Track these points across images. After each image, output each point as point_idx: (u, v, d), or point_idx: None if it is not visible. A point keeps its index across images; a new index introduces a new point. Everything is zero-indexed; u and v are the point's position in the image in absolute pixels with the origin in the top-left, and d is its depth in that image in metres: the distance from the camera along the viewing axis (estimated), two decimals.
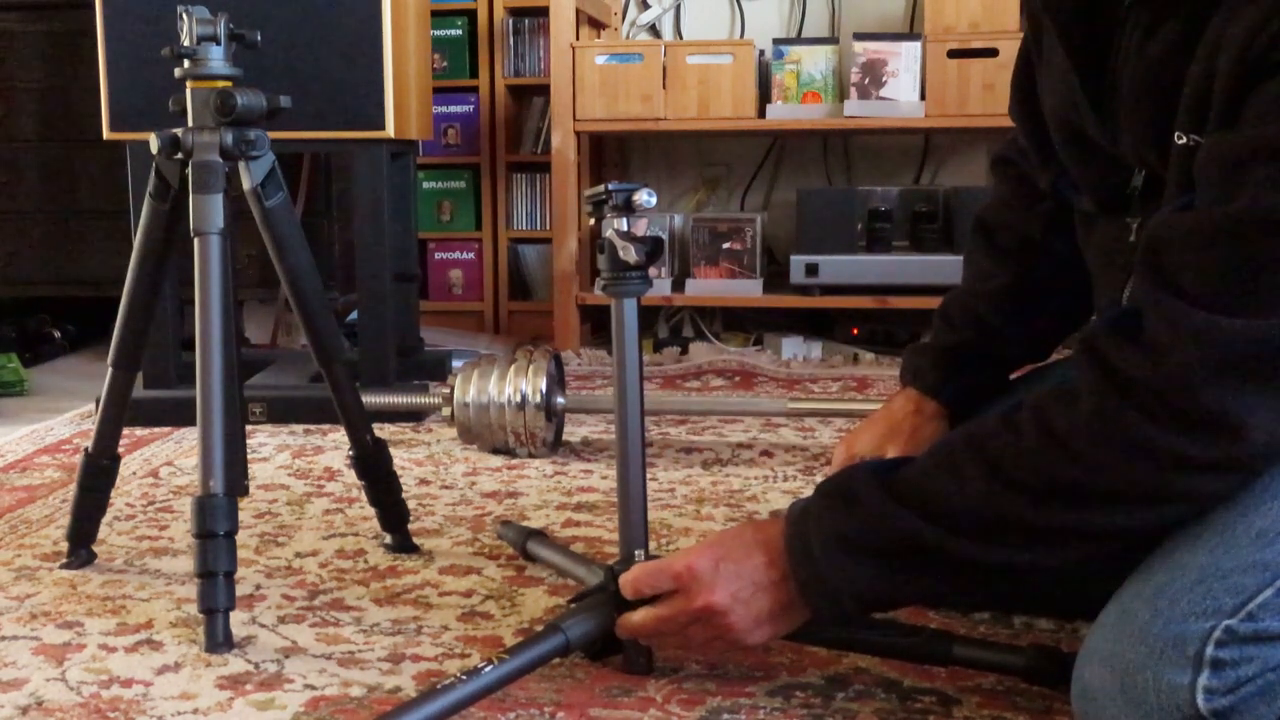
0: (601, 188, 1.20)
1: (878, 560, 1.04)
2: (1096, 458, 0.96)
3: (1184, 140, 1.02)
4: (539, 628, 1.39)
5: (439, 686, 1.11)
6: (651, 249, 1.18)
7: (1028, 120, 1.28)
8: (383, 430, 2.26)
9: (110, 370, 1.56)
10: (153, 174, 1.50)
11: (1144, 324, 0.95)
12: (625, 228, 1.19)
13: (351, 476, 1.76)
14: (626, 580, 1.16)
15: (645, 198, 1.18)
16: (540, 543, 1.57)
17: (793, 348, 3.28)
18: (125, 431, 1.64)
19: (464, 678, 1.11)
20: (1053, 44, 1.18)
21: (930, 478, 1.03)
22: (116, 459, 1.62)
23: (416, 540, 1.69)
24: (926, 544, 1.02)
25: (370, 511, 1.69)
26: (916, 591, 1.10)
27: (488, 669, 1.12)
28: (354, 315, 2.89)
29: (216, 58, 1.47)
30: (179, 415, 2.41)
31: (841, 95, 3.26)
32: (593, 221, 1.26)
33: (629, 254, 1.18)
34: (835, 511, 1.06)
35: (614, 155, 3.72)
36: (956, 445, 1.04)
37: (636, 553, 1.22)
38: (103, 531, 1.67)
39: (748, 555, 1.10)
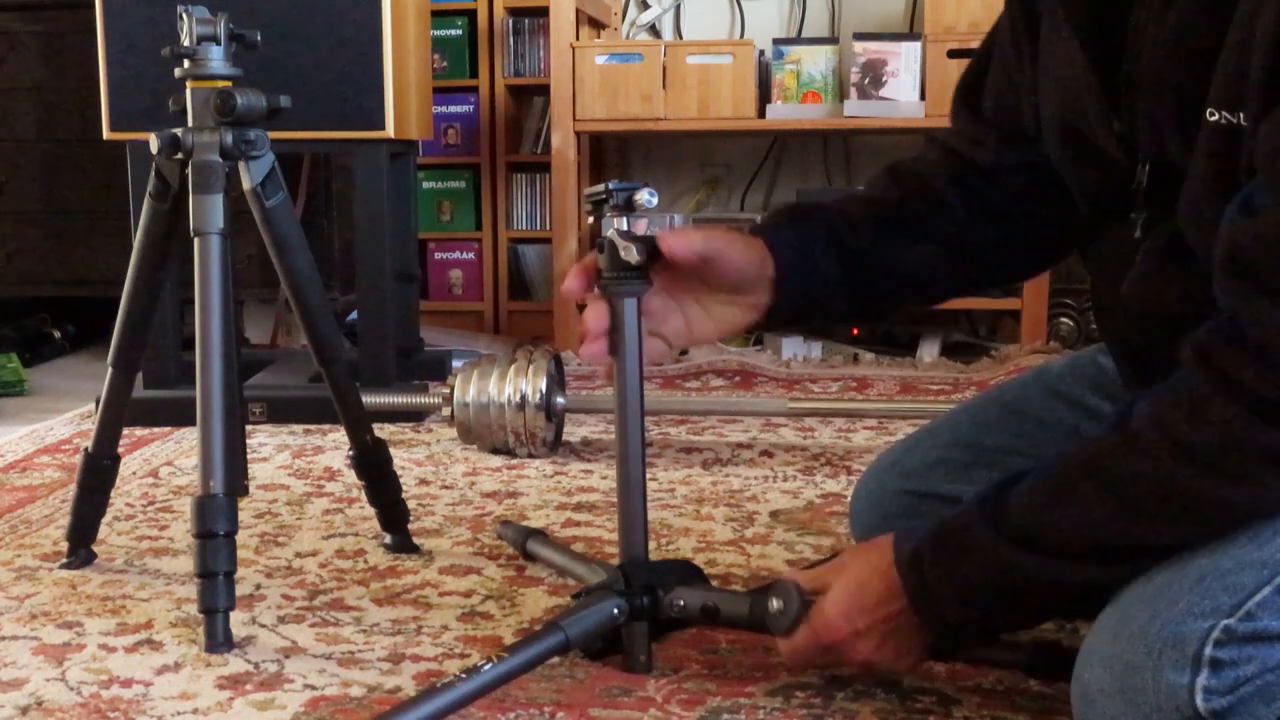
0: (602, 187, 1.19)
1: (1004, 601, 1.05)
2: (1234, 470, 0.93)
3: (1216, 118, 0.97)
4: (539, 626, 1.39)
5: (439, 685, 1.11)
6: (652, 248, 1.18)
7: (972, 114, 1.27)
8: (383, 430, 2.26)
9: (110, 370, 1.57)
10: (153, 174, 1.50)
11: (1248, 334, 0.92)
12: (625, 227, 1.18)
13: (351, 476, 1.76)
14: (789, 659, 1.18)
15: (646, 197, 1.17)
16: (540, 542, 1.57)
17: (793, 348, 3.28)
18: (125, 431, 1.64)
19: (463, 676, 1.11)
20: (1055, 31, 1.15)
21: (1046, 509, 1.00)
22: (116, 459, 1.62)
23: (416, 540, 1.69)
24: (1050, 577, 1.01)
25: (370, 511, 1.69)
26: (1044, 613, 1.11)
27: (487, 667, 1.12)
28: (354, 315, 2.89)
29: (216, 58, 1.47)
30: (179, 415, 2.41)
31: (841, 95, 3.26)
32: (591, 220, 1.24)
33: (630, 254, 1.17)
34: (952, 562, 1.05)
35: (614, 155, 3.72)
36: (1072, 470, 1.00)
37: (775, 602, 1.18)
38: (103, 531, 1.67)
39: (880, 610, 1.09)
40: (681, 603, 1.22)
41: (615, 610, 1.20)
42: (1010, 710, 1.18)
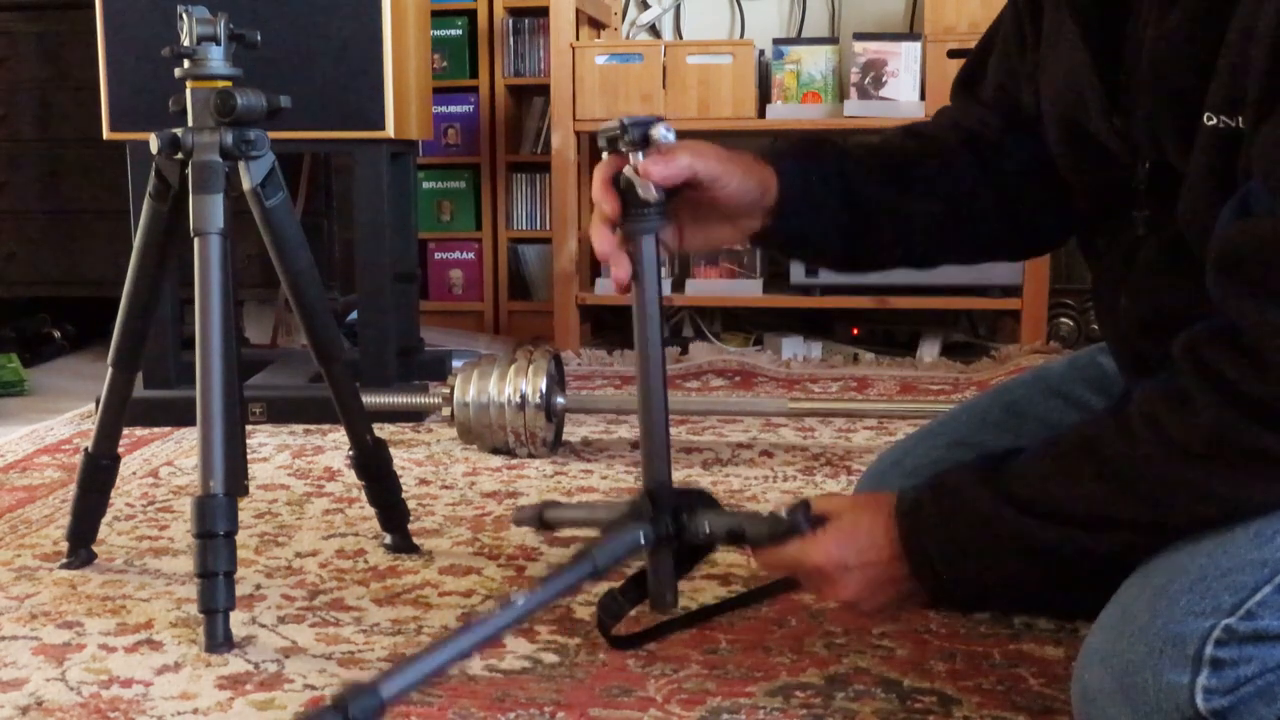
0: (615, 122, 1.15)
1: (993, 560, 1.04)
2: (1214, 466, 0.94)
3: (1214, 122, 0.98)
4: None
5: (472, 619, 1.09)
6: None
7: (973, 101, 1.28)
8: (383, 430, 2.26)
9: (110, 370, 1.56)
10: (153, 174, 1.50)
11: (1242, 335, 0.93)
12: (641, 163, 1.14)
13: (351, 476, 1.76)
14: (764, 564, 1.16)
15: (663, 132, 1.14)
16: (554, 508, 1.54)
17: (793, 348, 3.28)
18: (125, 431, 1.64)
19: (497, 610, 1.08)
20: (1058, 25, 1.15)
21: (1042, 478, 1.02)
22: (116, 459, 1.62)
23: (416, 540, 1.69)
24: (1042, 542, 1.02)
25: (370, 511, 1.69)
26: (1032, 581, 1.10)
27: (520, 599, 1.09)
28: (354, 315, 2.89)
29: (216, 58, 1.47)
30: (179, 415, 2.41)
31: (841, 95, 3.26)
32: (605, 157, 1.22)
33: (649, 191, 1.15)
34: (949, 516, 1.06)
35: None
36: (1069, 448, 1.02)
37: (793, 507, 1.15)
38: (103, 531, 1.67)
39: (871, 553, 1.09)
40: (708, 527, 1.18)
41: (642, 537, 1.16)
42: (1010, 710, 1.18)
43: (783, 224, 1.19)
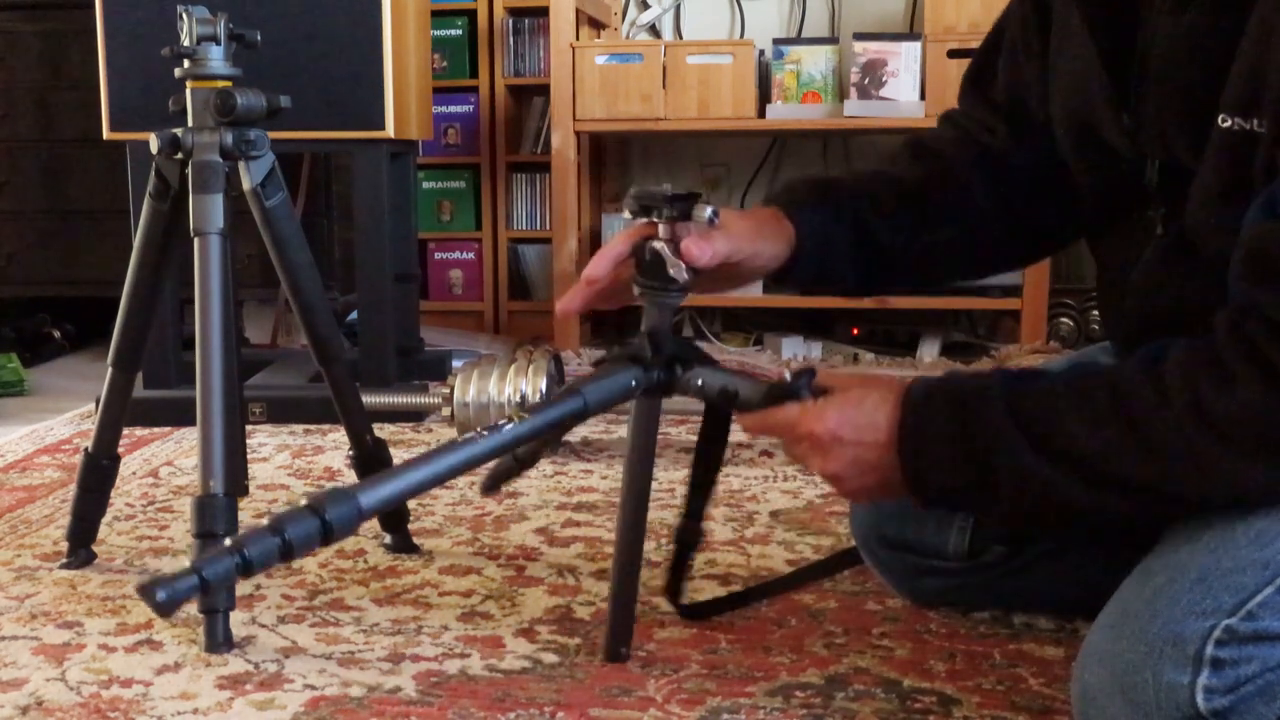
0: (660, 190, 1.12)
1: (985, 478, 1.02)
2: (1249, 446, 0.93)
3: (1228, 124, 0.97)
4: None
5: (459, 440, 1.07)
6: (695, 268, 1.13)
7: (982, 99, 1.28)
8: (383, 430, 2.26)
9: (110, 370, 1.56)
10: (153, 174, 1.50)
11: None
12: (673, 238, 1.12)
13: (351, 476, 1.76)
14: (752, 424, 1.14)
15: (709, 214, 1.10)
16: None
17: (793, 348, 3.29)
18: (125, 431, 1.64)
19: (484, 433, 1.06)
20: (1066, 26, 1.14)
21: (1063, 416, 0.99)
22: (116, 459, 1.62)
23: (416, 540, 1.69)
24: (1041, 482, 0.99)
25: None
26: (1015, 515, 1.06)
27: (508, 426, 1.07)
28: (354, 315, 2.89)
29: (216, 58, 1.47)
30: (179, 415, 2.41)
31: (841, 95, 3.26)
32: (627, 215, 1.19)
33: (680, 272, 1.12)
34: (955, 423, 1.03)
35: (614, 155, 3.72)
36: (1098, 388, 0.99)
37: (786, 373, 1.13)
38: (103, 531, 1.67)
39: (869, 433, 1.07)
40: (700, 382, 1.17)
41: (633, 382, 1.15)
42: (1010, 710, 1.18)
43: (800, 270, 1.22)
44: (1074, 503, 1.00)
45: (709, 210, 1.11)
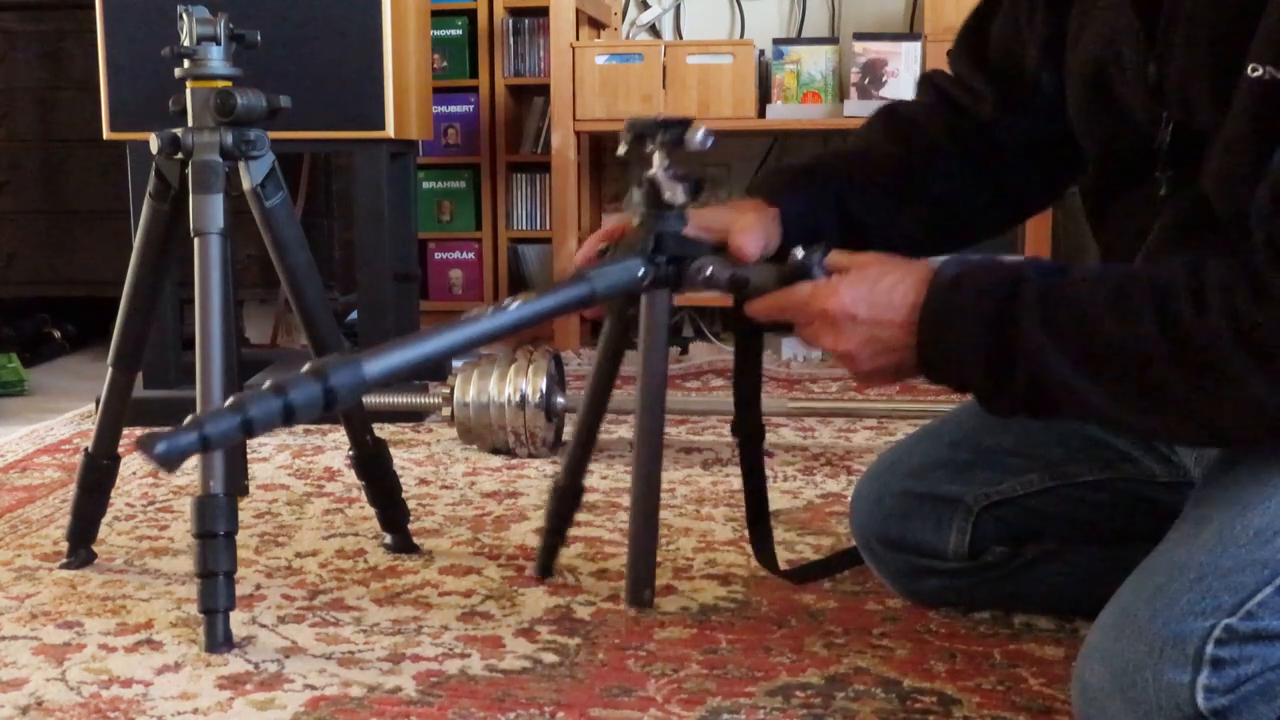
0: (652, 118, 1.12)
1: (1003, 373, 1.01)
2: (1276, 364, 0.92)
3: (1260, 73, 0.96)
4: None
5: (466, 317, 1.06)
6: (696, 188, 1.13)
7: (974, 61, 1.28)
8: (383, 430, 2.26)
9: (110, 370, 1.56)
10: (153, 174, 1.50)
11: None
12: (669, 165, 1.12)
13: (351, 476, 1.76)
14: (764, 307, 1.12)
15: (701, 138, 1.10)
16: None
17: (793, 348, 3.28)
18: (125, 431, 1.64)
19: (489, 311, 1.05)
20: None
21: (1095, 307, 0.98)
22: (116, 459, 1.62)
23: (416, 540, 1.69)
24: (1060, 379, 0.98)
25: (370, 511, 1.69)
26: (1025, 408, 1.04)
27: (513, 305, 1.06)
28: (354, 315, 2.89)
29: (216, 58, 1.47)
30: (179, 415, 2.40)
31: (841, 95, 3.26)
32: (623, 150, 1.18)
33: (676, 194, 1.12)
34: (981, 313, 1.01)
35: (614, 155, 3.71)
36: (1137, 286, 0.97)
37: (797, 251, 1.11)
38: (103, 531, 1.67)
39: (886, 312, 1.05)
40: (710, 271, 1.15)
41: (641, 271, 1.14)
42: (1010, 710, 1.18)
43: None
44: (1090, 404, 0.99)
45: (701, 133, 1.11)
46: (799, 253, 1.10)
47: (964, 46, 1.32)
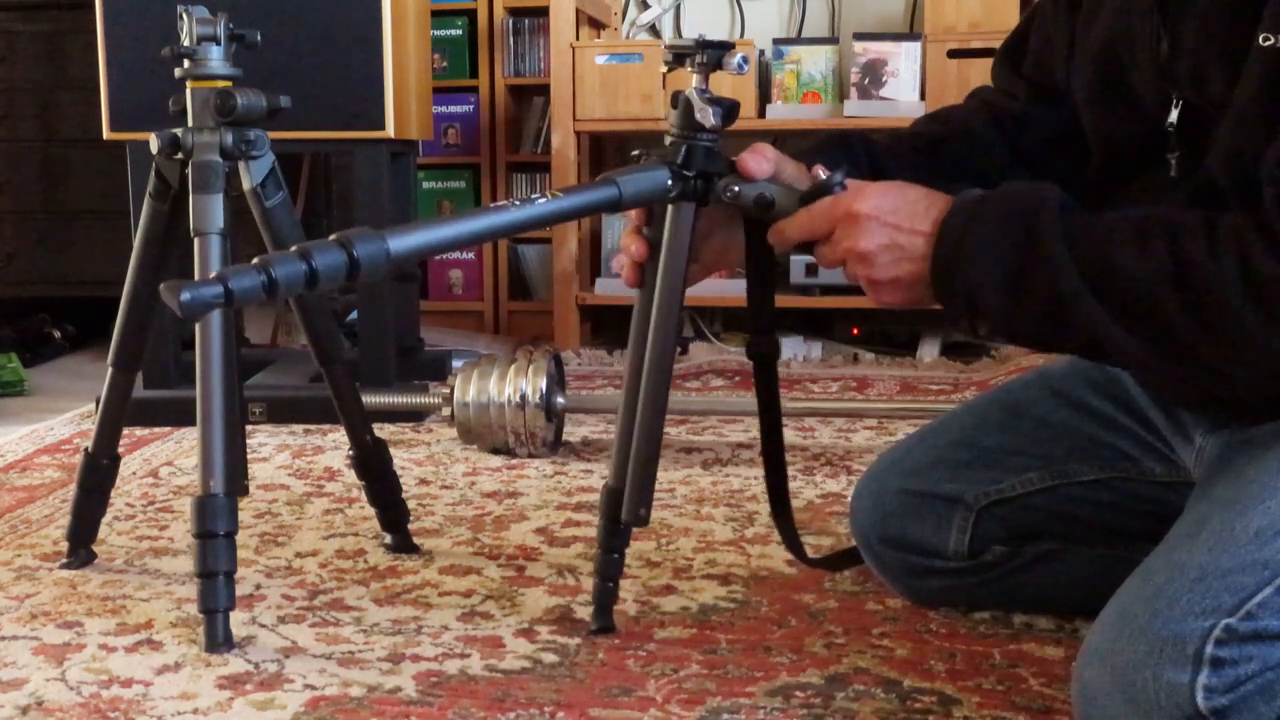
0: (693, 40, 1.14)
1: (1018, 286, 1.02)
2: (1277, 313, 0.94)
3: (1271, 42, 0.97)
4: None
5: (492, 205, 1.07)
6: (729, 113, 1.15)
7: (1012, 70, 1.31)
8: (383, 430, 2.26)
9: (110, 370, 1.56)
10: (153, 174, 1.50)
11: None
12: (705, 87, 1.14)
13: (351, 476, 1.76)
14: (792, 228, 1.13)
15: (738, 62, 1.13)
16: None
17: (793, 348, 3.28)
18: (125, 431, 1.64)
19: (518, 203, 1.06)
20: None
21: (1113, 236, 1.00)
22: (116, 459, 1.61)
23: (416, 540, 1.69)
24: (1073, 296, 1.00)
25: (370, 511, 1.69)
26: (1034, 329, 1.05)
27: (541, 200, 1.07)
28: (354, 315, 2.89)
29: (216, 58, 1.47)
30: (179, 415, 2.41)
31: (841, 95, 3.26)
32: (664, 71, 1.21)
33: (706, 116, 1.14)
34: (1004, 226, 1.03)
35: (614, 155, 3.72)
36: (1153, 222, 1.00)
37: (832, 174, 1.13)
38: (103, 531, 1.67)
39: (910, 220, 1.07)
40: (736, 189, 1.17)
41: (668, 181, 1.16)
42: (1010, 710, 1.18)
43: None
44: (1098, 330, 1.00)
45: (738, 58, 1.14)
46: (822, 172, 1.12)
47: (1004, 58, 1.35)
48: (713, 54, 1.14)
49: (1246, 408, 1.10)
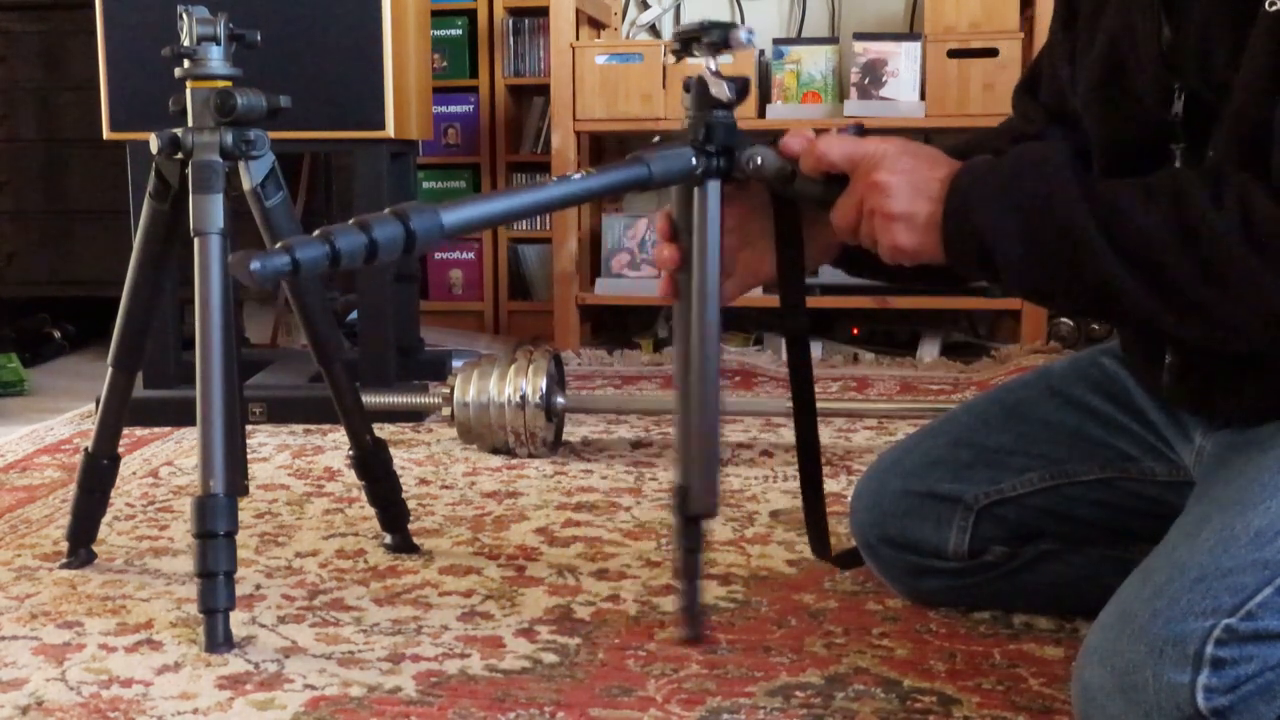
0: (696, 23, 1.17)
1: (1028, 226, 1.04)
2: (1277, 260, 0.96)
3: (1277, 7, 0.99)
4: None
5: (532, 182, 1.10)
6: (743, 88, 1.17)
7: (1030, 96, 1.32)
8: (383, 430, 2.26)
9: (110, 370, 1.56)
10: (153, 174, 1.50)
11: None
12: (715, 66, 1.17)
13: (351, 476, 1.76)
14: (816, 149, 1.16)
15: (745, 36, 1.15)
16: None
17: None
18: (125, 431, 1.64)
19: (555, 180, 1.10)
20: None
21: (1121, 191, 1.02)
22: (116, 459, 1.62)
23: (416, 540, 1.69)
24: (1081, 239, 1.02)
25: (370, 511, 1.69)
26: (1038, 280, 1.07)
27: (577, 176, 1.11)
28: (354, 315, 2.89)
29: (216, 58, 1.47)
30: (179, 415, 2.41)
31: (841, 95, 3.26)
32: (671, 62, 1.24)
33: (721, 90, 1.16)
34: (1018, 175, 1.06)
35: (614, 155, 3.72)
36: (1162, 178, 1.03)
37: None
38: (103, 531, 1.67)
39: (930, 163, 1.11)
40: (760, 160, 1.20)
41: (694, 159, 1.18)
42: (1010, 710, 1.18)
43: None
44: (1109, 279, 1.01)
45: (744, 33, 1.15)
46: (835, 131, 1.15)
47: (1022, 88, 1.36)
48: (719, 32, 1.16)
49: (1248, 403, 1.10)
